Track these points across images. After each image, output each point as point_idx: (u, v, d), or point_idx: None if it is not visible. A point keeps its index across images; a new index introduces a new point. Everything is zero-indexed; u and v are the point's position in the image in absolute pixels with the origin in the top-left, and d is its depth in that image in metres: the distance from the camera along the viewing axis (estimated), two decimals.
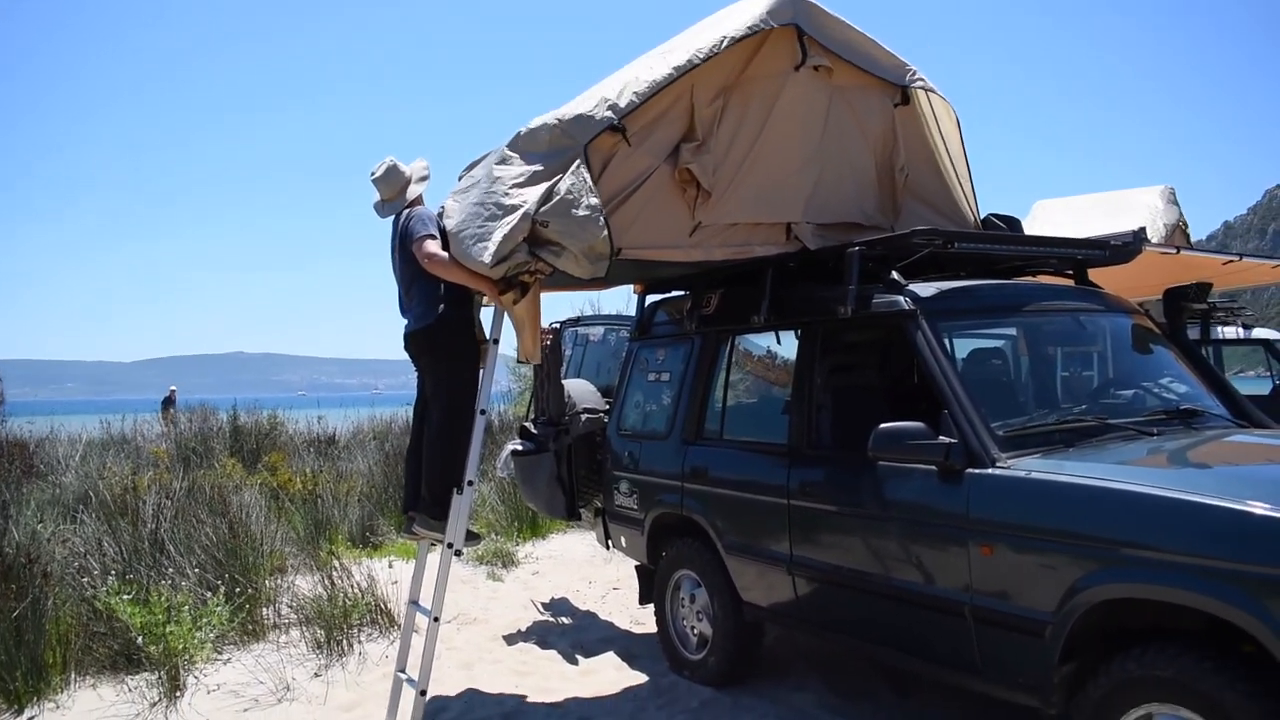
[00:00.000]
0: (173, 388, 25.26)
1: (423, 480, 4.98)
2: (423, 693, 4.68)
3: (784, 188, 4.96)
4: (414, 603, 5.19)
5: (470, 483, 4.74)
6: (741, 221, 4.86)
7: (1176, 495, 3.09)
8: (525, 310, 4.61)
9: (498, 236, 4.32)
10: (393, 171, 5.03)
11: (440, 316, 4.85)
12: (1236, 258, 7.53)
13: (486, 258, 4.33)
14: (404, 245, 4.85)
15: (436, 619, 4.71)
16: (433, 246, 4.65)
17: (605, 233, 4.31)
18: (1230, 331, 9.52)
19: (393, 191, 5.02)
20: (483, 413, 4.81)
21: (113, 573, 6.29)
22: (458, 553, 4.84)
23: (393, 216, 5.03)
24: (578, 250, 4.28)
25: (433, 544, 5.08)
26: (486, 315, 5.11)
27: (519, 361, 4.84)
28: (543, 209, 4.30)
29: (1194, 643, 3.07)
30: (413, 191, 5.03)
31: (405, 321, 5.05)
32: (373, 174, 5.07)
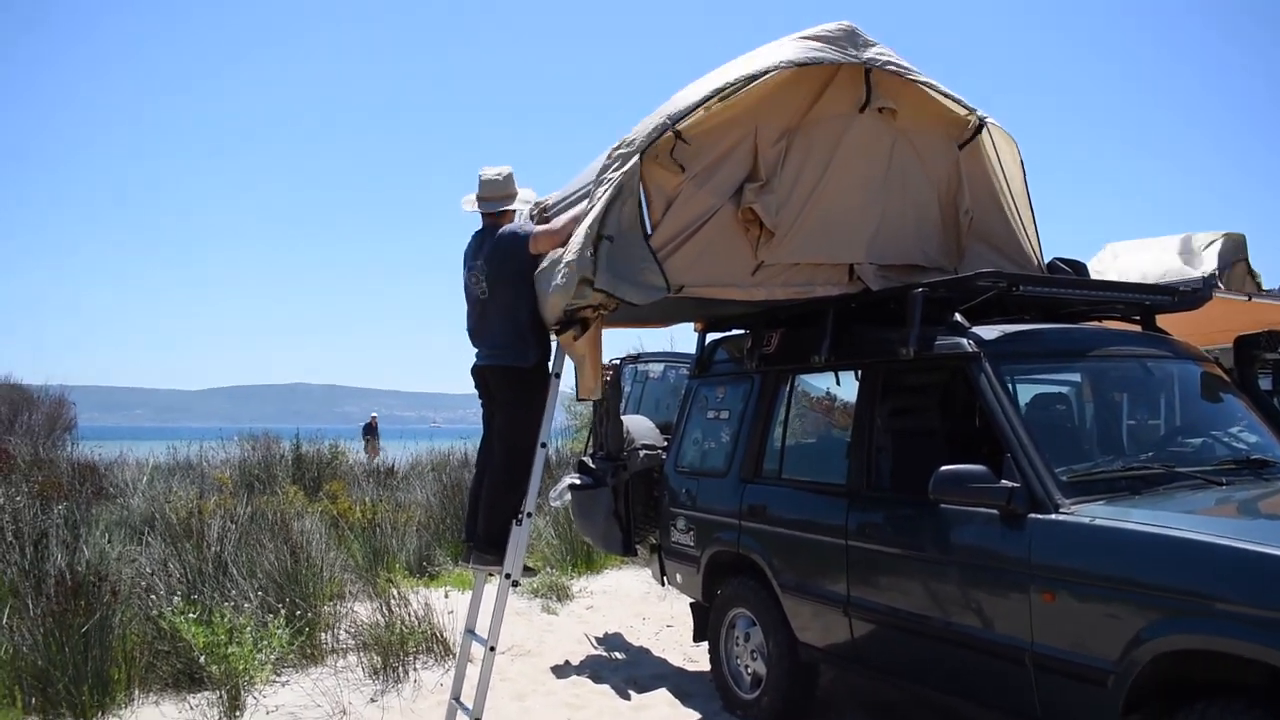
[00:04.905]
0: (374, 414, 23.32)
1: (479, 516, 5.03)
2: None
3: (847, 228, 4.96)
4: (470, 631, 5.23)
5: (529, 514, 4.79)
6: (804, 261, 4.87)
7: (1245, 546, 3.04)
8: (585, 347, 4.65)
9: (565, 273, 4.44)
10: (503, 182, 5.10)
11: (536, 361, 4.88)
12: None
13: (562, 295, 4.45)
14: (504, 260, 4.88)
15: (493, 648, 4.74)
16: (541, 229, 4.76)
17: (654, 265, 4.43)
18: None
19: (492, 194, 5.08)
20: (543, 446, 4.86)
21: (177, 593, 6.42)
22: (515, 583, 4.87)
23: (482, 232, 5.09)
24: (630, 278, 4.39)
25: (490, 575, 5.12)
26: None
27: (579, 399, 4.85)
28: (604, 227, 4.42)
29: (1260, 697, 3.00)
30: (507, 204, 5.09)
31: (485, 350, 5.02)
32: (493, 175, 5.11)
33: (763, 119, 4.72)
